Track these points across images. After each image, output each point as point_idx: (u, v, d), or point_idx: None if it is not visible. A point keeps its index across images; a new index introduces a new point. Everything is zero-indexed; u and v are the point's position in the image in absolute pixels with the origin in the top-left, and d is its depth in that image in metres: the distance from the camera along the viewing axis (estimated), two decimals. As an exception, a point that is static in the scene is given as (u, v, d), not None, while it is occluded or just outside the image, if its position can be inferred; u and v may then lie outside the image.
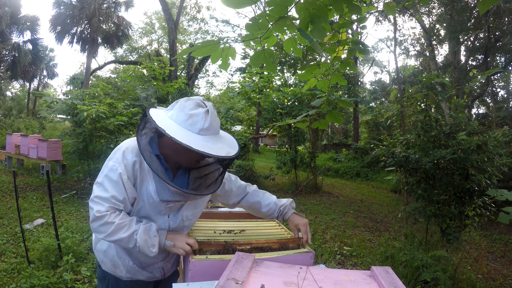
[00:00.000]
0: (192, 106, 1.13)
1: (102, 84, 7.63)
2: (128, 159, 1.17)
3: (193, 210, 1.35)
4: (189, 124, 1.11)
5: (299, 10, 1.42)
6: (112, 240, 1.14)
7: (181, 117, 1.12)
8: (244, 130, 14.83)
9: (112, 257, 1.30)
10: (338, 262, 3.84)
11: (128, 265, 1.30)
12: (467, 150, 3.61)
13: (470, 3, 10.76)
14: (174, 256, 1.42)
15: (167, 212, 1.26)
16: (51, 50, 23.41)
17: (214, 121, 1.15)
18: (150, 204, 1.22)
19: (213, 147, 1.09)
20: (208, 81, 31.16)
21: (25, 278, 2.72)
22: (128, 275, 1.31)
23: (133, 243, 1.13)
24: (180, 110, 1.14)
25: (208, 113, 1.12)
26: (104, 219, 1.11)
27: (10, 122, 16.54)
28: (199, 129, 1.11)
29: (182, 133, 1.08)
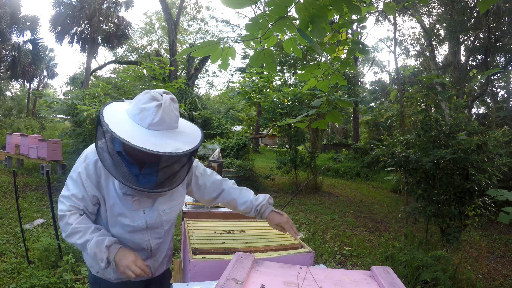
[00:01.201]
0: (146, 100, 1.08)
1: (102, 84, 7.62)
2: (90, 159, 1.19)
3: (170, 203, 1.29)
4: (139, 119, 1.07)
5: (299, 10, 1.42)
6: (70, 243, 1.19)
7: (134, 111, 1.09)
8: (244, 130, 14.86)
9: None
10: (338, 262, 3.83)
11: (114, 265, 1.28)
12: (467, 150, 3.61)
13: (470, 3, 10.76)
14: (161, 255, 1.38)
15: (138, 207, 1.22)
16: (51, 50, 23.40)
17: (168, 116, 1.08)
18: (121, 200, 1.20)
19: (158, 143, 1.02)
20: (208, 81, 31.25)
21: (25, 278, 2.72)
22: (116, 276, 1.30)
23: (86, 251, 1.16)
24: (135, 103, 1.10)
25: (161, 107, 1.06)
26: (65, 219, 1.17)
27: (10, 122, 16.53)
28: (149, 123, 1.05)
29: (127, 128, 1.04)
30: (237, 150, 8.72)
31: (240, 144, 8.81)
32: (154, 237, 1.29)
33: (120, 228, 1.23)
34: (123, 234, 1.24)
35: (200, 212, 1.92)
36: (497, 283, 3.53)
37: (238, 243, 1.43)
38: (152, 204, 1.25)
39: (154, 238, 1.29)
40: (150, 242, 1.29)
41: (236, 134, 11.14)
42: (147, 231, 1.27)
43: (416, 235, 4.23)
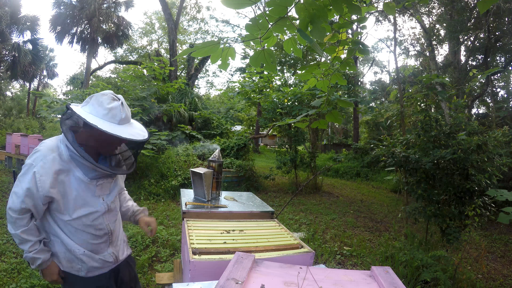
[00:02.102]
0: (109, 101, 1.31)
1: (102, 84, 7.63)
2: (47, 157, 1.28)
3: (116, 189, 1.52)
4: (110, 117, 1.29)
5: (299, 11, 1.42)
6: (11, 233, 1.30)
7: (101, 112, 1.30)
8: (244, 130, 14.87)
9: (64, 254, 1.38)
10: (338, 262, 3.83)
11: (80, 254, 1.37)
12: (467, 150, 3.61)
13: (470, 3, 10.75)
14: (118, 239, 1.54)
15: (100, 193, 1.41)
16: (51, 50, 23.39)
17: (128, 111, 1.37)
18: (83, 190, 1.35)
19: (134, 133, 1.31)
20: (208, 81, 31.21)
21: (25, 278, 2.73)
22: (84, 266, 1.39)
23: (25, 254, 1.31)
24: (98, 105, 1.31)
25: (123, 105, 1.33)
26: (14, 216, 1.28)
27: (10, 122, 16.53)
28: (119, 119, 1.31)
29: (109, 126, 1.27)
30: (237, 150, 8.72)
31: (240, 144, 8.81)
32: (111, 221, 1.48)
33: (85, 218, 1.36)
34: (87, 222, 1.38)
35: (200, 212, 1.92)
36: (497, 283, 3.53)
37: (238, 243, 1.43)
38: (110, 192, 1.46)
39: (111, 222, 1.48)
40: (109, 226, 1.46)
41: (236, 134, 11.14)
42: (107, 215, 1.45)
43: (416, 235, 4.23)
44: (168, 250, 3.64)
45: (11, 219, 1.28)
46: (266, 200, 6.51)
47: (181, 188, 2.70)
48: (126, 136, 1.27)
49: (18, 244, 1.31)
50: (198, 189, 2.27)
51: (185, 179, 6.69)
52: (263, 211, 2.04)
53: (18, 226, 1.28)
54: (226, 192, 2.53)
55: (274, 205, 6.32)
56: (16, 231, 1.28)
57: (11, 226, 1.29)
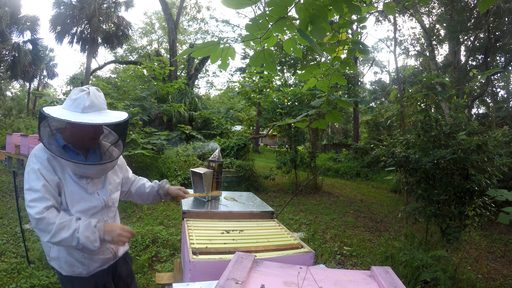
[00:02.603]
0: (76, 92, 1.34)
1: (102, 84, 7.63)
2: (41, 157, 1.30)
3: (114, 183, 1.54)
4: (74, 107, 1.31)
5: (299, 11, 1.42)
6: (56, 241, 1.21)
7: (67, 103, 1.33)
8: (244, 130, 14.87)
9: (65, 259, 1.38)
10: (338, 262, 3.83)
11: (80, 257, 1.38)
12: (467, 150, 3.61)
13: (470, 3, 10.75)
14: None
15: (93, 189, 1.41)
16: (51, 50, 23.43)
17: (96, 100, 1.34)
18: (78, 187, 1.36)
19: (93, 118, 1.29)
20: (208, 81, 31.21)
21: (25, 278, 2.73)
22: (85, 268, 1.39)
23: (75, 241, 1.22)
24: (68, 99, 1.34)
25: (89, 94, 1.33)
26: (45, 220, 1.20)
27: (10, 122, 16.54)
28: (83, 108, 1.30)
29: (66, 114, 1.28)
30: (237, 150, 8.72)
31: (240, 144, 8.81)
32: (109, 216, 1.50)
33: (82, 214, 1.36)
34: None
35: (200, 212, 1.92)
36: (497, 283, 3.53)
37: (238, 243, 1.43)
38: (102, 186, 1.47)
39: (110, 218, 1.50)
40: (108, 222, 1.46)
41: (236, 134, 11.14)
42: (104, 211, 1.46)
43: (416, 235, 4.23)
44: (168, 250, 3.64)
45: (43, 226, 1.20)
46: (266, 200, 6.51)
47: (181, 188, 2.70)
48: (81, 120, 1.25)
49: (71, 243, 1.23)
50: (198, 189, 2.27)
51: (185, 179, 6.69)
52: (263, 211, 2.04)
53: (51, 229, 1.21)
54: (226, 192, 2.53)
55: (274, 205, 6.32)
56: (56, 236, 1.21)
57: (46, 235, 1.21)
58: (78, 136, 1.37)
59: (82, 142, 1.39)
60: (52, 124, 1.38)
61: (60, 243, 1.23)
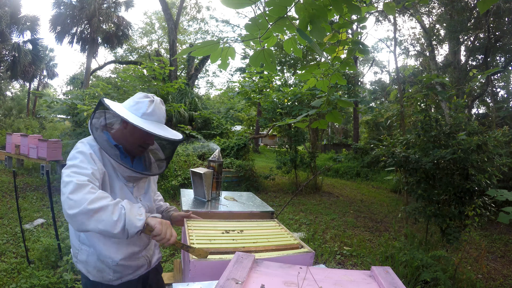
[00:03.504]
0: (140, 96, 1.31)
1: (102, 84, 7.62)
2: (94, 146, 1.25)
3: (152, 192, 1.50)
4: (134, 109, 1.27)
5: (299, 11, 1.42)
6: (94, 208, 1.00)
7: (129, 103, 1.30)
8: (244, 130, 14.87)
9: (95, 263, 1.27)
10: (338, 262, 3.83)
11: (113, 264, 1.28)
12: (467, 150, 3.61)
13: (470, 3, 10.75)
14: (152, 244, 1.48)
15: (137, 194, 1.37)
16: (51, 50, 23.41)
17: (158, 110, 1.30)
18: (126, 189, 1.32)
19: (150, 127, 1.22)
20: (208, 81, 31.23)
21: (25, 278, 2.72)
22: (116, 275, 1.29)
23: (118, 211, 1.04)
24: (131, 99, 1.32)
25: (153, 102, 1.29)
26: (85, 188, 1.04)
27: (10, 122, 16.54)
28: (142, 113, 1.27)
29: (126, 113, 1.24)
30: (237, 150, 8.72)
31: (240, 144, 8.81)
32: None
33: None
34: None
35: (200, 212, 1.92)
36: (497, 283, 3.53)
37: (238, 243, 1.43)
38: (145, 192, 1.43)
39: None
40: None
41: (236, 134, 11.14)
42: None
43: (416, 235, 4.23)
44: (168, 250, 3.63)
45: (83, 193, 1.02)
46: (266, 200, 6.51)
47: (181, 188, 2.70)
48: (139, 124, 1.18)
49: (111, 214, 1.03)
50: (198, 189, 2.27)
51: (185, 179, 6.69)
52: (263, 211, 2.04)
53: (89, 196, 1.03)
54: (226, 192, 2.53)
55: (274, 205, 6.32)
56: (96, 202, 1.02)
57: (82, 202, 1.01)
58: (128, 139, 1.31)
59: (130, 146, 1.33)
60: (108, 118, 1.33)
61: (98, 213, 1.01)
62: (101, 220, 1.01)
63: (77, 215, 0.99)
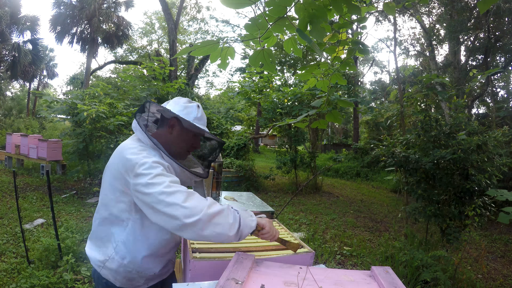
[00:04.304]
0: (184, 101, 1.30)
1: (102, 84, 7.62)
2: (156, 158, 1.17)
3: None
4: (185, 114, 1.25)
5: (298, 11, 1.42)
6: (212, 213, 1.01)
7: (177, 108, 1.26)
8: (244, 130, 14.86)
9: (126, 274, 1.23)
10: (338, 262, 3.84)
11: (150, 274, 1.27)
12: (467, 150, 3.61)
13: (470, 3, 10.76)
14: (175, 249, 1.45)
15: None
16: (51, 50, 23.40)
17: (203, 116, 1.32)
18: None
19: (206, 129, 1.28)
20: (208, 81, 31.19)
21: (25, 278, 2.72)
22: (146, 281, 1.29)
23: (232, 214, 1.07)
24: (175, 104, 1.29)
25: (199, 107, 1.31)
26: (196, 194, 1.06)
27: (10, 122, 16.54)
28: (194, 117, 1.26)
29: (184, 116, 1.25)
30: (237, 150, 8.72)
31: (240, 144, 8.81)
32: None
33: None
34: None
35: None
36: (497, 283, 3.53)
37: (238, 243, 1.42)
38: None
39: None
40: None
41: (236, 134, 11.13)
42: None
43: (416, 235, 4.23)
44: (168, 250, 3.63)
45: (196, 201, 1.02)
46: (266, 200, 6.51)
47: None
48: (207, 130, 1.25)
49: (227, 216, 1.04)
50: (198, 189, 2.26)
51: (185, 179, 6.68)
52: (263, 211, 2.04)
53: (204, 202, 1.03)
54: (226, 192, 2.53)
55: (274, 205, 6.32)
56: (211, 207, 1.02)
57: (198, 210, 1.00)
58: (174, 143, 1.28)
59: (175, 150, 1.29)
60: (150, 121, 1.31)
61: (215, 217, 1.01)
62: (218, 223, 1.02)
63: (197, 222, 0.99)
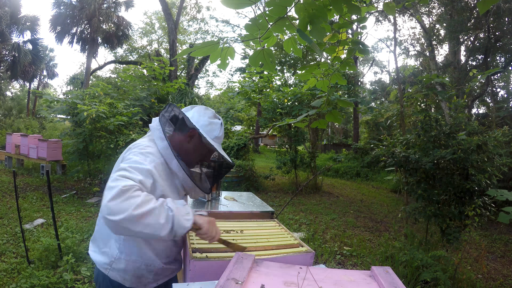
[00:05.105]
0: (211, 115, 1.29)
1: (102, 84, 7.62)
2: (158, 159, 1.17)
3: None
4: (208, 130, 1.25)
5: (299, 11, 1.42)
6: (140, 213, 0.93)
7: (202, 122, 1.26)
8: (244, 130, 14.85)
9: (135, 271, 1.24)
10: (338, 262, 3.84)
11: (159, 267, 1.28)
12: (467, 150, 3.61)
13: (470, 3, 10.75)
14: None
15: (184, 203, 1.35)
16: (51, 50, 23.43)
17: (223, 133, 1.33)
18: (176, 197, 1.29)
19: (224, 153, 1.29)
20: (208, 81, 31.21)
21: (25, 278, 2.72)
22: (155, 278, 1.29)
23: (165, 213, 0.99)
24: (200, 115, 1.28)
25: (222, 125, 1.31)
26: (129, 192, 0.94)
27: (10, 122, 16.55)
28: (215, 136, 1.27)
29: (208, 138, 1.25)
30: (237, 150, 8.71)
31: (240, 144, 8.81)
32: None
33: None
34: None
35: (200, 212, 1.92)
36: (497, 283, 3.53)
37: (238, 243, 1.43)
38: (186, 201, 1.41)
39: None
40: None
41: (236, 134, 11.13)
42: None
43: (416, 235, 4.23)
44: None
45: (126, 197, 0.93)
46: (266, 200, 6.51)
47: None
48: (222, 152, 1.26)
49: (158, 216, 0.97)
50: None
51: (185, 179, 6.68)
52: (263, 211, 2.04)
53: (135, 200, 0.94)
54: (226, 192, 2.53)
55: (274, 205, 6.32)
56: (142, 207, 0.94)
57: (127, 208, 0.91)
58: (189, 153, 1.30)
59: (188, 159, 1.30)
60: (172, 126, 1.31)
61: (144, 217, 0.93)
62: (148, 224, 0.95)
63: (121, 222, 0.91)
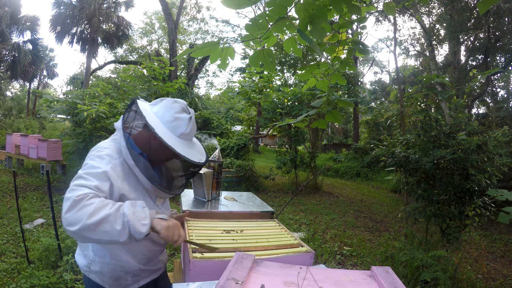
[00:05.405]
0: (178, 110, 1.18)
1: (102, 84, 7.62)
2: (115, 159, 1.13)
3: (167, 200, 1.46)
4: (172, 126, 1.16)
5: (299, 11, 1.42)
6: (95, 221, 0.91)
7: (166, 117, 1.17)
8: (244, 130, 14.86)
9: (111, 273, 1.22)
10: (338, 262, 3.83)
11: (135, 269, 1.25)
12: (467, 150, 3.61)
13: (470, 3, 10.75)
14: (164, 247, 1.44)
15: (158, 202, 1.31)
16: (51, 50, 23.42)
17: (193, 129, 1.23)
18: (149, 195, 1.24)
19: (189, 152, 1.17)
20: (208, 81, 31.24)
21: (25, 278, 2.72)
22: (134, 279, 1.27)
23: (120, 219, 0.95)
24: (166, 109, 1.18)
25: (191, 120, 1.19)
26: (82, 202, 0.93)
27: (10, 122, 16.53)
28: (180, 133, 1.17)
29: (166, 134, 1.13)
30: (237, 150, 8.71)
31: (240, 144, 8.81)
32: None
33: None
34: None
35: (200, 212, 1.92)
36: (497, 283, 3.53)
37: (238, 243, 1.43)
38: (164, 200, 1.38)
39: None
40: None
41: (236, 134, 11.13)
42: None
43: (416, 235, 4.23)
44: (168, 250, 3.63)
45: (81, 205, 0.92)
46: (266, 200, 6.51)
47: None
48: (181, 152, 1.11)
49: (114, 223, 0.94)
50: (198, 189, 2.26)
51: (185, 179, 6.68)
52: (263, 211, 2.04)
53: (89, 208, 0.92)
54: (226, 192, 2.53)
55: (274, 205, 6.32)
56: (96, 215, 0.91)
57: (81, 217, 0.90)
58: (155, 153, 1.20)
59: (155, 159, 1.23)
60: (134, 121, 1.21)
61: (98, 226, 0.91)
62: (105, 231, 0.93)
63: (79, 231, 0.91)
